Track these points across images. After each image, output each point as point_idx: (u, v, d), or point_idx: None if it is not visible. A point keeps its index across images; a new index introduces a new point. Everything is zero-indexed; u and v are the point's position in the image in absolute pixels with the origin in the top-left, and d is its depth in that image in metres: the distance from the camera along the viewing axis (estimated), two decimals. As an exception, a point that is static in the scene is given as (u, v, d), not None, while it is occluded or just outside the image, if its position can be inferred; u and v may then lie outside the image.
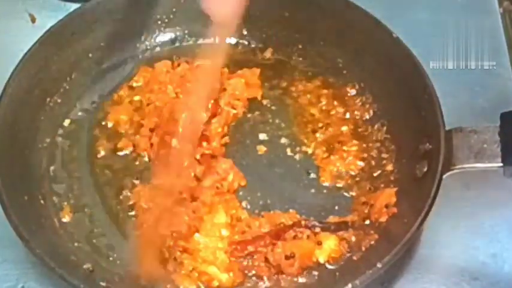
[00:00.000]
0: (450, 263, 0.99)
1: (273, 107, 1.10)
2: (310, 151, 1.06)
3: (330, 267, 0.95)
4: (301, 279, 0.94)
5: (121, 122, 1.08)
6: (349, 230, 0.97)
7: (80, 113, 1.10)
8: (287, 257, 0.94)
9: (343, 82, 1.12)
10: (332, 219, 0.99)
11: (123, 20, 1.13)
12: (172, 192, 0.97)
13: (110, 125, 1.09)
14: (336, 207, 1.01)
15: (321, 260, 0.95)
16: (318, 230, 0.97)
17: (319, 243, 0.96)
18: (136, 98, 1.11)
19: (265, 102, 1.11)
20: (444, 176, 0.92)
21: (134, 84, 1.13)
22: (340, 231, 0.97)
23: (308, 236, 0.96)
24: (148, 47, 1.16)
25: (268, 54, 1.16)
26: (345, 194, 1.02)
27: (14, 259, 0.98)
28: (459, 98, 1.11)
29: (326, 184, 1.03)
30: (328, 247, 0.96)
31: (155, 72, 1.12)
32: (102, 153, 1.06)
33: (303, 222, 0.98)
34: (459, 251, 0.99)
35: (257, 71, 1.12)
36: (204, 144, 1.03)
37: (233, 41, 1.16)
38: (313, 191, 1.02)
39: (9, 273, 0.97)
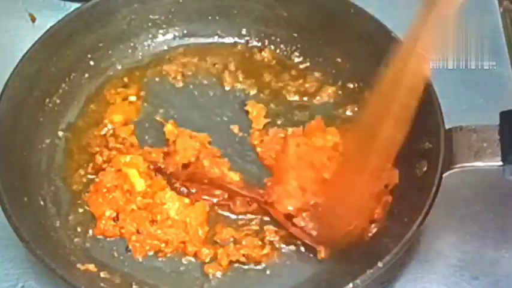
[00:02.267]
0: (450, 263, 0.99)
1: (272, 107, 1.10)
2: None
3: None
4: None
5: (119, 122, 1.08)
6: None
7: (78, 114, 1.10)
8: None
9: (342, 81, 1.12)
10: None
11: (122, 20, 1.13)
12: None
13: (108, 125, 1.08)
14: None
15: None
16: None
17: None
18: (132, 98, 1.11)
19: (264, 101, 1.11)
20: (444, 175, 0.92)
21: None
22: None
23: None
24: (147, 47, 1.16)
25: (266, 53, 1.16)
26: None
27: (14, 259, 0.98)
28: (459, 97, 1.11)
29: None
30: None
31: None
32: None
33: None
34: (459, 251, 0.99)
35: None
36: None
37: (231, 40, 1.16)
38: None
39: (9, 272, 0.98)
